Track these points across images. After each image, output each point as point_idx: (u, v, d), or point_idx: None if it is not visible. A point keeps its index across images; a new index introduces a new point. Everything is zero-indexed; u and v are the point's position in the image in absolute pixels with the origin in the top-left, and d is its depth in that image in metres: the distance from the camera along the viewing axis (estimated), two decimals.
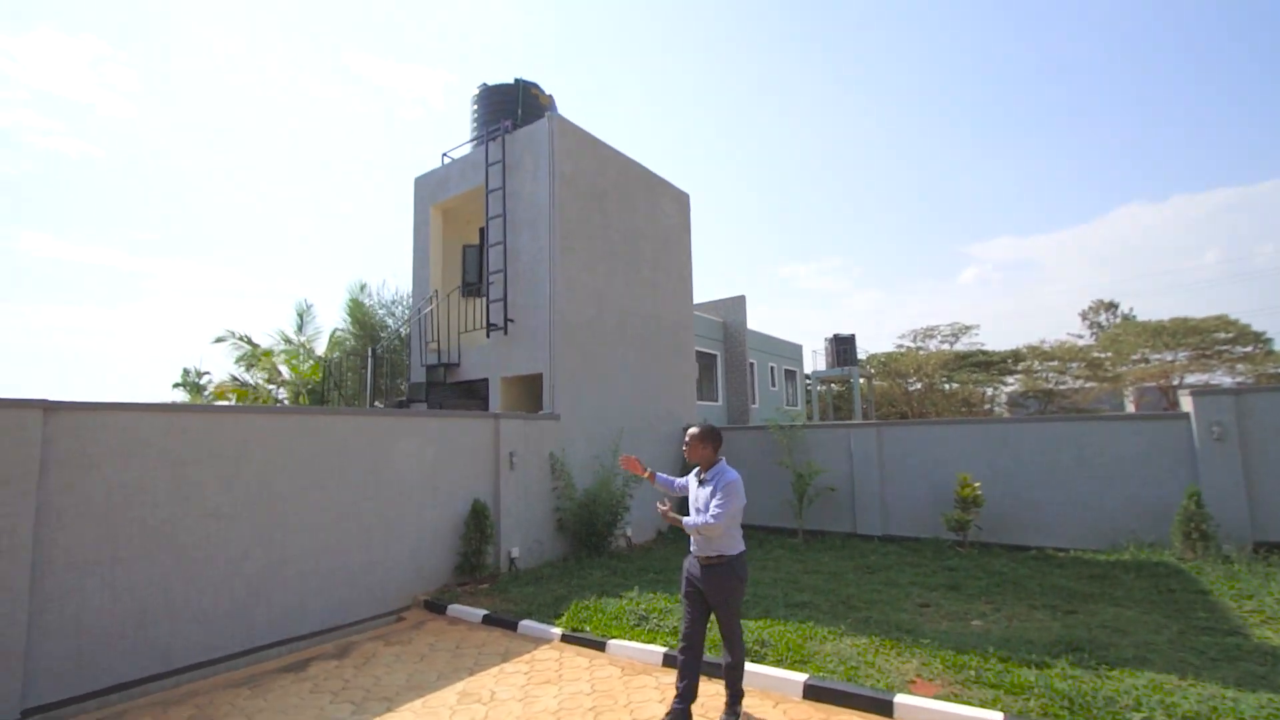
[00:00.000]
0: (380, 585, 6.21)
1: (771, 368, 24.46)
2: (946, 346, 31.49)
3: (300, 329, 16.60)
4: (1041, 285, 80.00)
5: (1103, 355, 28.16)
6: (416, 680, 4.56)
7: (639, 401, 10.15)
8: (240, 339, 16.10)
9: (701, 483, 3.89)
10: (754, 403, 21.93)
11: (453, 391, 9.91)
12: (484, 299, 9.77)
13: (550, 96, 11.35)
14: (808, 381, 28.53)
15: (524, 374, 9.10)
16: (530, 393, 9.53)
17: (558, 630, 5.36)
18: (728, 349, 21.31)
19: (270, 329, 16.68)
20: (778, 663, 4.45)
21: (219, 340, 15.99)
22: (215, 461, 5.20)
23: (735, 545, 3.76)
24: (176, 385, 19.96)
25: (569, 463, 8.53)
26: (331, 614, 5.77)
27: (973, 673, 4.14)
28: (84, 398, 4.69)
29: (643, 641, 4.96)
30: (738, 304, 21.56)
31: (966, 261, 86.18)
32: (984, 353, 29.67)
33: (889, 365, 30.77)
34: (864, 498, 9.38)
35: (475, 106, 10.89)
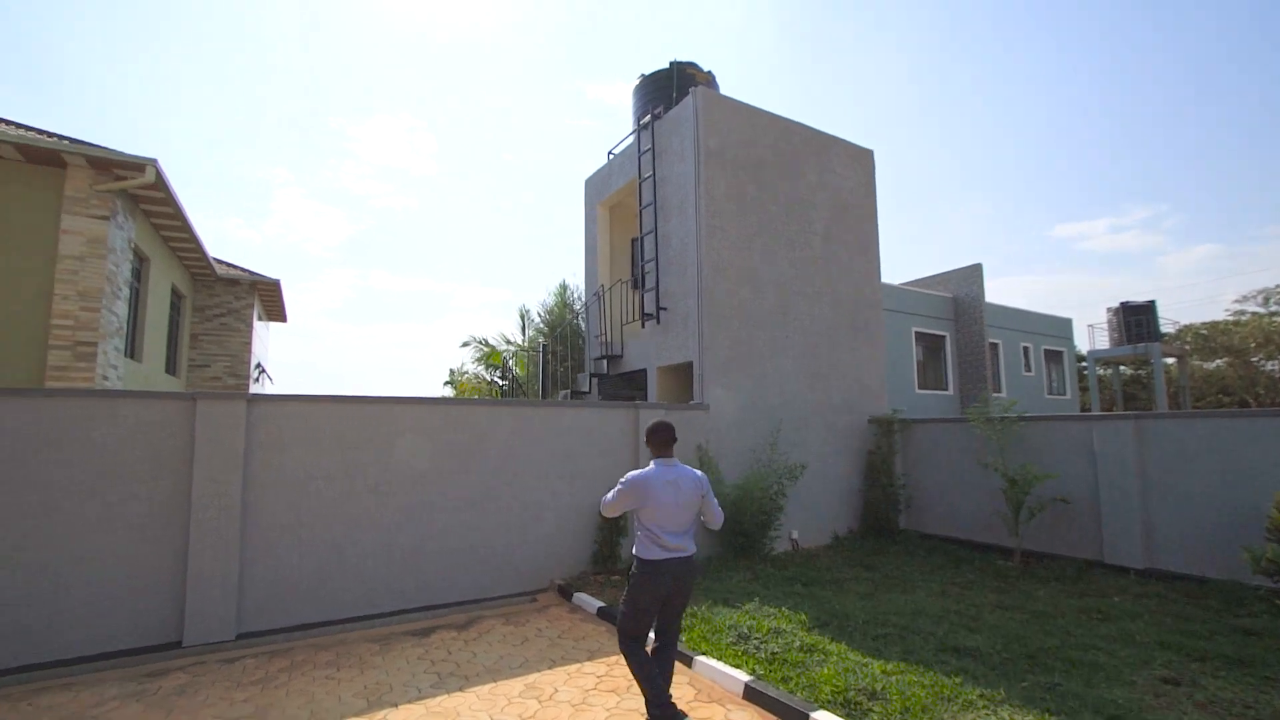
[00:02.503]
0: (516, 566, 6.57)
1: (1025, 348, 20.07)
2: None
3: (522, 331, 18.85)
4: None
5: None
6: (503, 664, 4.67)
7: (806, 390, 9.10)
8: (480, 342, 18.92)
9: None
10: (998, 391, 18.26)
11: (617, 382, 10.13)
12: (641, 289, 9.77)
13: (709, 74, 10.84)
14: (1082, 364, 22.74)
15: (676, 363, 8.84)
16: (684, 382, 9.23)
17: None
18: (959, 328, 18.10)
19: (505, 333, 19.23)
20: None
21: (464, 344, 19.04)
22: (374, 445, 6.03)
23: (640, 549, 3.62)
24: (446, 383, 24.39)
25: (719, 456, 8.02)
26: (470, 588, 6.28)
27: None
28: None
29: (732, 664, 4.33)
30: (972, 274, 18.15)
31: None
32: None
33: (1216, 339, 22.80)
34: (1114, 515, 6.99)
35: (635, 99, 10.94)
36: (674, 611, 3.70)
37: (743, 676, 4.11)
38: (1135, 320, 20.66)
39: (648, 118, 9.64)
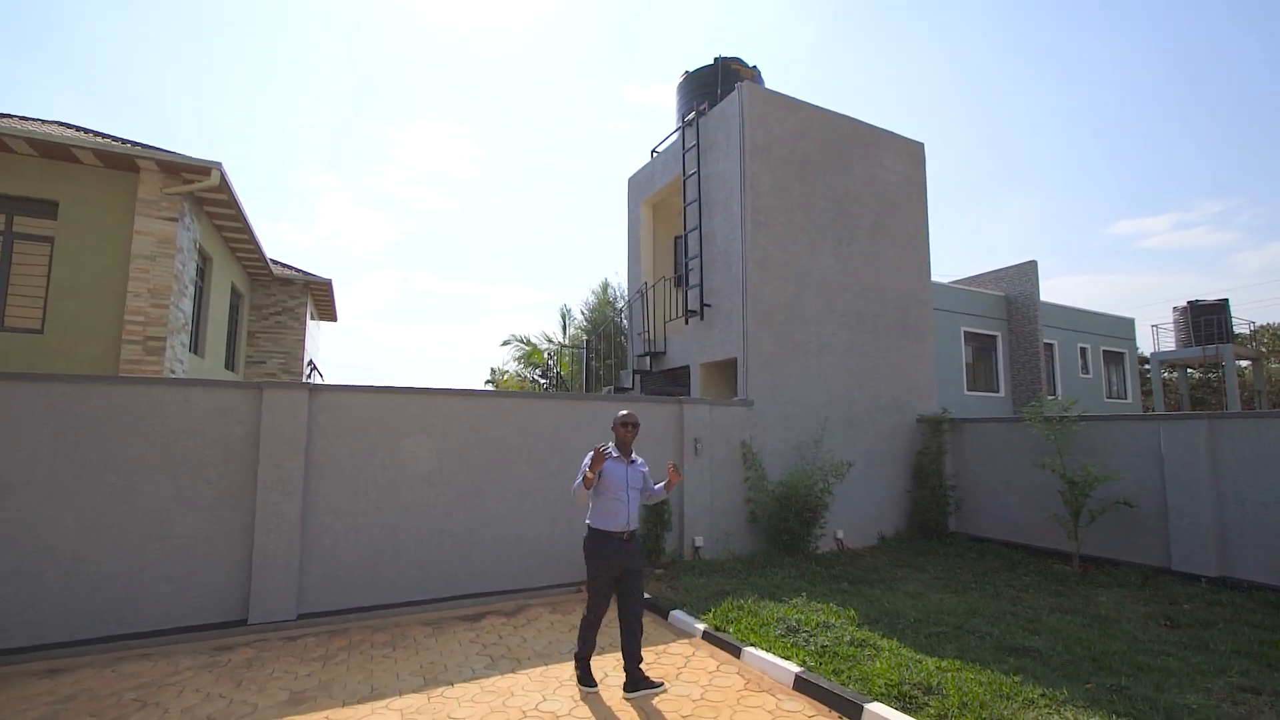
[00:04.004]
0: (562, 556, 6.64)
1: (1083, 349, 19.24)
2: None
3: (563, 330, 19.06)
4: None
5: None
6: (553, 649, 4.75)
7: (852, 388, 8.95)
8: (520, 341, 19.21)
9: (633, 463, 4.19)
10: (1053, 394, 17.55)
11: (661, 379, 10.16)
12: (685, 286, 9.77)
13: (755, 69, 10.79)
14: (1145, 367, 21.64)
15: (720, 359, 8.81)
16: (728, 379, 9.19)
17: (702, 626, 5.01)
18: (1013, 328, 17.48)
19: (546, 332, 19.49)
20: (938, 719, 3.39)
21: (505, 343, 19.37)
22: (427, 435, 6.21)
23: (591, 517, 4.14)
24: (487, 381, 24.85)
25: (763, 453, 7.96)
26: (517, 576, 6.40)
27: None
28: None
29: (780, 655, 4.30)
30: (1026, 272, 17.51)
31: None
32: None
33: None
34: (1184, 520, 6.64)
35: (678, 96, 10.96)
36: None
37: (793, 668, 4.07)
38: (1205, 320, 19.52)
39: (692, 114, 9.65)
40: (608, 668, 4.36)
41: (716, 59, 10.50)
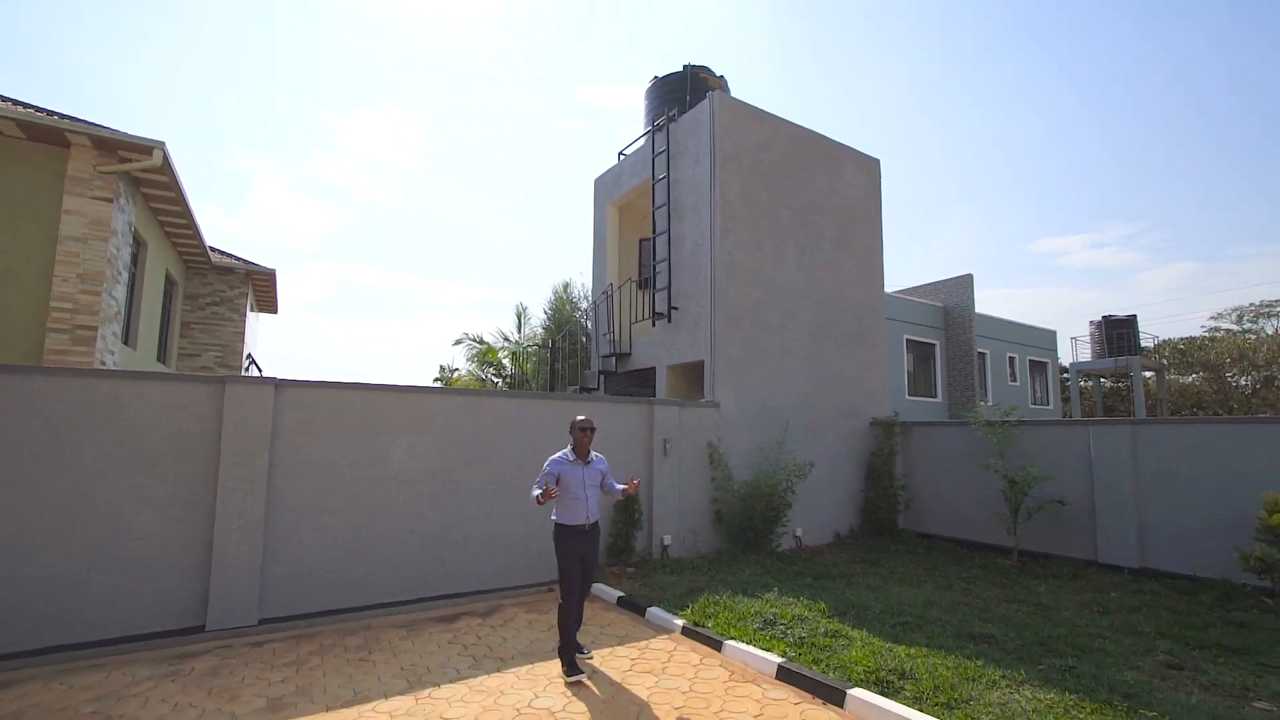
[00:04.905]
0: (535, 556, 6.62)
1: (1011, 358, 20.61)
2: None
3: (519, 329, 18.85)
4: None
5: None
6: (535, 647, 4.75)
7: (812, 392, 9.31)
8: (473, 340, 18.87)
9: (589, 464, 4.60)
10: (985, 399, 18.71)
11: (626, 380, 10.24)
12: (652, 289, 9.90)
13: (721, 78, 11.05)
14: (1065, 375, 23.40)
15: (687, 361, 8.98)
16: (694, 381, 9.38)
17: (680, 622, 5.14)
18: (950, 337, 18.53)
19: (502, 330, 19.19)
20: (915, 702, 3.62)
21: (457, 342, 18.98)
22: (399, 433, 6.06)
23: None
24: (435, 379, 24.23)
25: (729, 453, 8.18)
26: (490, 577, 6.34)
27: None
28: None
29: (761, 647, 4.47)
30: (962, 284, 18.61)
31: None
32: None
33: (1193, 355, 23.66)
34: (1110, 516, 7.28)
35: (647, 101, 11.10)
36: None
37: (775, 659, 4.24)
38: (1117, 334, 21.36)
39: (662, 120, 9.80)
40: (594, 664, 4.41)
41: (686, 66, 10.69)
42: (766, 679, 4.15)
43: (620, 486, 4.68)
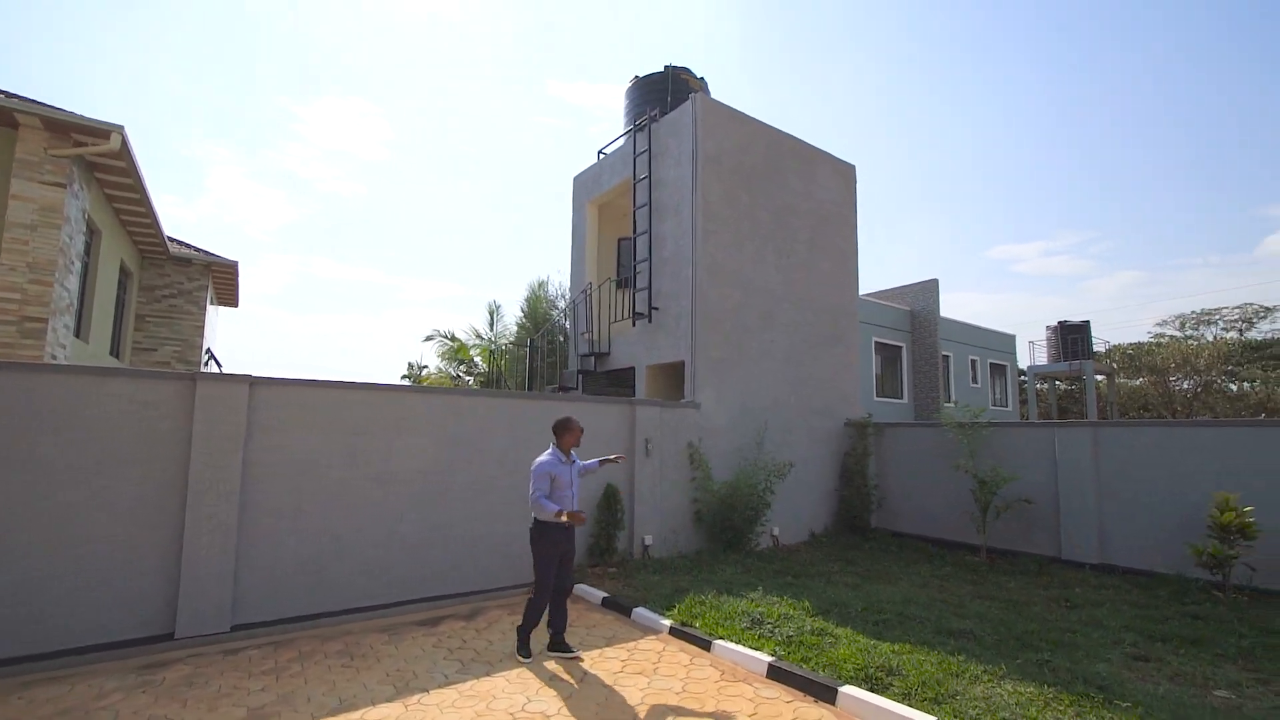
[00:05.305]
0: (517, 556, 6.52)
1: (973, 361, 21.30)
2: (1234, 335, 24.51)
3: (491, 326, 18.60)
4: None
5: None
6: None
7: (790, 393, 9.44)
8: (445, 337, 18.53)
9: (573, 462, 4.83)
10: (949, 401, 19.29)
11: (604, 380, 10.21)
12: (632, 289, 9.89)
13: (702, 80, 11.10)
14: (1023, 378, 24.30)
15: (667, 362, 9.00)
16: (673, 381, 9.41)
17: (667, 622, 5.15)
18: (916, 340, 19.05)
19: (475, 327, 18.88)
20: (903, 697, 3.71)
21: (428, 339, 18.61)
22: (379, 433, 5.91)
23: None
24: (404, 376, 23.72)
25: (709, 454, 8.23)
26: (472, 578, 6.24)
27: None
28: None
29: (750, 646, 4.52)
30: (928, 289, 19.14)
31: (1270, 226, 66.32)
32: None
33: (1140, 359, 24.86)
34: (1072, 515, 7.59)
35: (627, 100, 11.07)
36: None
37: (765, 657, 4.29)
38: (1071, 339, 22.30)
39: (644, 119, 9.79)
40: (584, 667, 4.38)
41: (667, 67, 10.71)
42: (758, 678, 4.19)
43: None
